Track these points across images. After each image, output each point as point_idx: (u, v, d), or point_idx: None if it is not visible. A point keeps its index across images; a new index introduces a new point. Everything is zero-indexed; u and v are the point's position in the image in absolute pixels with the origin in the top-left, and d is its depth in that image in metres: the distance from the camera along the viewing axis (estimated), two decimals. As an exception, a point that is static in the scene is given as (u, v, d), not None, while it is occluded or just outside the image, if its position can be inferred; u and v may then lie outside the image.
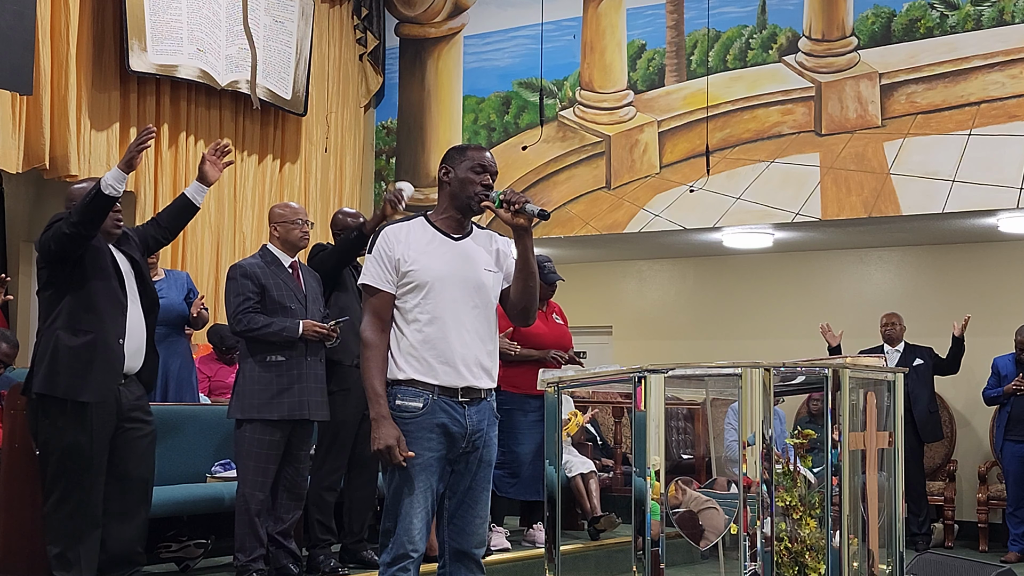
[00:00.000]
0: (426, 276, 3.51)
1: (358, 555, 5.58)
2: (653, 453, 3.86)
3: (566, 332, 6.60)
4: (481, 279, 3.56)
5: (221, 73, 8.30)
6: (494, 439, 3.62)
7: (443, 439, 3.49)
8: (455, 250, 3.57)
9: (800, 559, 4.07)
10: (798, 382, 4.54)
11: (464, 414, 3.51)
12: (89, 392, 4.36)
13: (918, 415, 8.14)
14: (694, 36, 8.79)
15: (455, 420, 3.51)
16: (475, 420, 3.53)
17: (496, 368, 3.62)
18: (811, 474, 4.37)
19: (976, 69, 7.82)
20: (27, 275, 8.67)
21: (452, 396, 3.50)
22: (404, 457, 3.43)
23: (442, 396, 3.49)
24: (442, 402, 3.49)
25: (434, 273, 3.51)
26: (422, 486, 3.47)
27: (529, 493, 6.38)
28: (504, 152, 9.48)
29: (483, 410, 3.57)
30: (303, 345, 5.09)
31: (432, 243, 3.55)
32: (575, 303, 10.42)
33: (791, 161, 8.36)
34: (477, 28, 9.72)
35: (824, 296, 9.53)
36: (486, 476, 3.59)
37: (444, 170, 3.62)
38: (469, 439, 3.53)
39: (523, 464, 6.27)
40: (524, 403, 6.30)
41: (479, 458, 3.57)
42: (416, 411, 3.48)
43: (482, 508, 3.60)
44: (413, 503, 3.47)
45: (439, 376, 3.49)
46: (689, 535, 4.17)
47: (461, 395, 3.51)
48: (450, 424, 3.50)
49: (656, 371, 3.90)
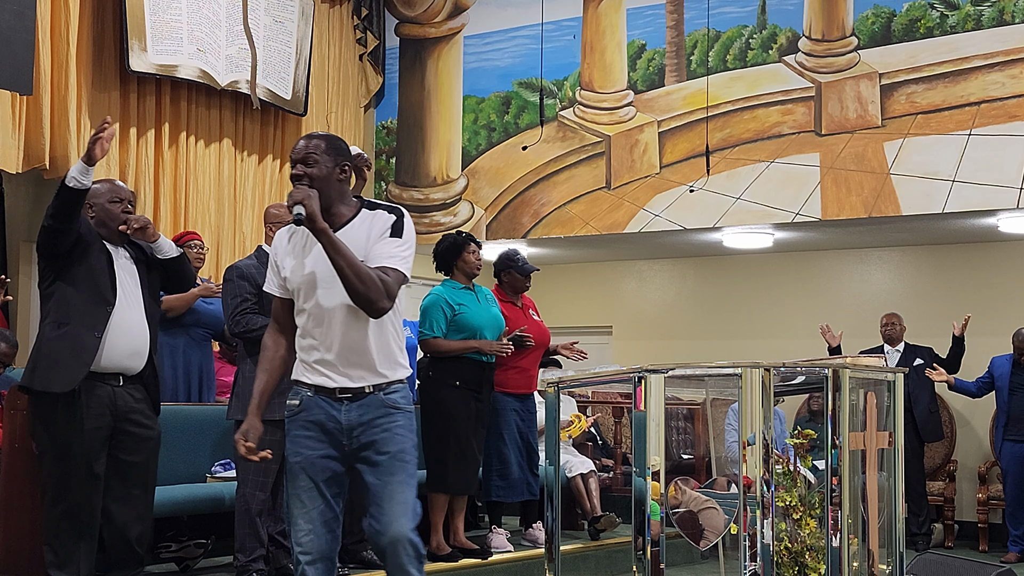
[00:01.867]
0: (295, 280, 3.47)
1: (358, 555, 5.57)
2: (653, 453, 3.86)
3: (544, 328, 6.52)
4: None
5: (221, 73, 8.30)
6: (396, 430, 3.45)
7: (323, 437, 3.44)
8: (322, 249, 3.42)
9: (800, 559, 4.07)
10: (798, 382, 4.55)
11: (341, 410, 3.43)
12: (57, 383, 4.35)
13: (918, 415, 8.15)
14: (694, 36, 8.79)
15: (331, 417, 3.43)
16: (356, 415, 3.43)
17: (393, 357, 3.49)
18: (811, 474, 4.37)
19: (976, 69, 7.82)
20: (27, 275, 8.66)
21: (329, 394, 3.44)
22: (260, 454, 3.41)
23: (318, 394, 3.45)
24: (318, 399, 3.45)
25: (300, 276, 3.46)
26: (303, 485, 3.43)
27: (517, 495, 6.34)
28: (504, 152, 9.49)
29: (370, 403, 3.44)
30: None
31: (305, 242, 3.47)
32: (575, 303, 10.45)
33: (791, 161, 8.36)
34: (477, 28, 9.72)
35: (824, 296, 9.53)
36: (389, 468, 3.42)
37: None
38: (349, 434, 3.43)
39: (508, 464, 6.24)
40: (507, 402, 6.27)
41: (376, 450, 3.43)
42: (293, 409, 3.48)
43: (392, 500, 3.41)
44: (293, 504, 3.45)
45: (313, 377, 3.45)
46: (689, 535, 4.17)
47: (339, 392, 3.43)
48: (326, 421, 3.44)
49: (656, 371, 3.91)
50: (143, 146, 7.91)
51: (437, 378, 5.89)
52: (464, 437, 5.85)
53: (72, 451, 4.34)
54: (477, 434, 5.94)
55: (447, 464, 5.83)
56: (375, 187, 9.98)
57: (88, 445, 4.36)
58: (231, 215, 8.63)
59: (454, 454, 5.83)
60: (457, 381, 5.85)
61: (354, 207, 3.51)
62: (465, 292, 6.00)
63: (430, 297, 6.00)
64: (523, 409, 6.34)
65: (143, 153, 7.90)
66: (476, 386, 5.91)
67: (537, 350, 6.37)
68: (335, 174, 3.48)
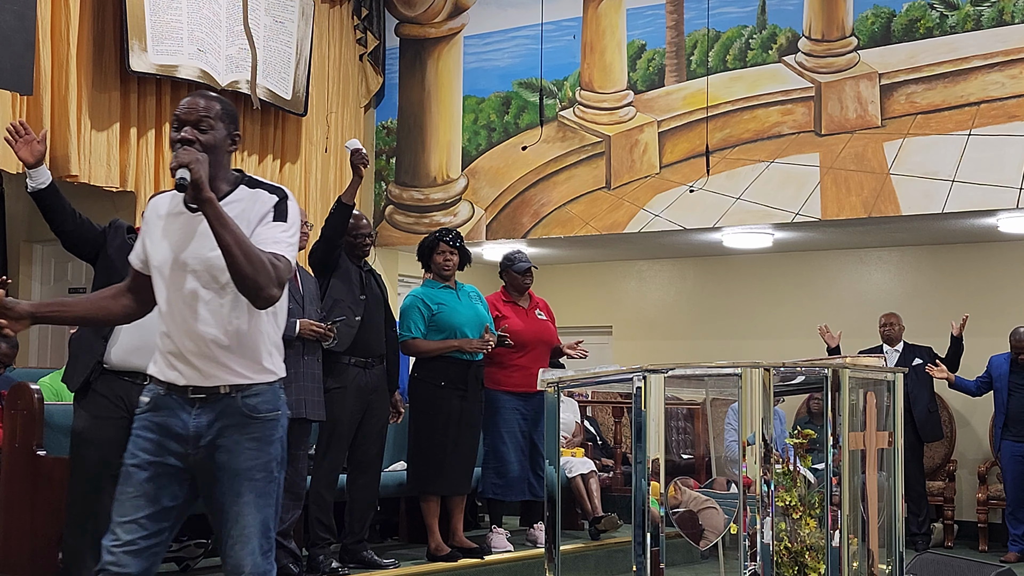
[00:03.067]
0: (154, 259, 3.06)
1: (358, 555, 5.58)
2: (653, 453, 3.86)
3: (549, 327, 6.54)
4: (212, 257, 2.95)
5: (221, 73, 8.30)
6: (246, 443, 3.00)
7: (166, 442, 3.00)
8: (189, 225, 3.01)
9: (800, 559, 4.08)
10: (798, 382, 4.55)
11: (192, 412, 3.00)
12: (72, 380, 4.46)
13: (918, 415, 8.15)
14: (694, 36, 8.79)
15: (179, 420, 3.00)
16: (206, 420, 2.99)
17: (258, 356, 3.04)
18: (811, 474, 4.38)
19: (976, 69, 7.82)
20: (27, 275, 8.67)
21: (180, 393, 3.01)
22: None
23: (170, 392, 3.02)
24: (169, 399, 3.02)
25: (160, 256, 3.04)
26: (131, 492, 2.97)
27: (515, 494, 6.34)
28: (504, 152, 9.49)
29: (225, 408, 3.00)
30: (300, 344, 5.11)
31: (170, 218, 3.06)
32: (575, 303, 10.44)
33: (791, 161, 8.36)
34: (477, 28, 9.72)
35: (824, 296, 9.53)
36: (236, 490, 2.98)
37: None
38: (196, 442, 2.99)
39: (507, 463, 6.25)
40: (507, 401, 6.28)
41: (223, 466, 2.99)
42: (143, 406, 3.06)
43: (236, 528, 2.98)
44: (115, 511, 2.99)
45: (165, 372, 3.03)
46: (689, 535, 4.17)
47: (191, 392, 3.00)
48: (173, 424, 3.00)
49: (656, 371, 3.91)
50: (143, 146, 7.91)
51: (423, 378, 5.91)
52: (450, 437, 5.85)
53: (89, 447, 4.38)
54: (465, 434, 5.93)
55: (434, 465, 5.84)
56: (375, 187, 9.99)
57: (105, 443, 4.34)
58: (231, 215, 8.62)
59: (439, 455, 5.83)
60: (443, 381, 5.86)
61: (232, 182, 3.08)
62: (445, 291, 6.00)
63: (408, 299, 6.03)
64: (526, 408, 6.32)
65: (143, 153, 7.90)
66: (462, 385, 5.91)
67: (537, 349, 6.38)
68: (226, 144, 3.08)
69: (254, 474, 2.99)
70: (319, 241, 5.55)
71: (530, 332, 6.39)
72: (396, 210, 9.91)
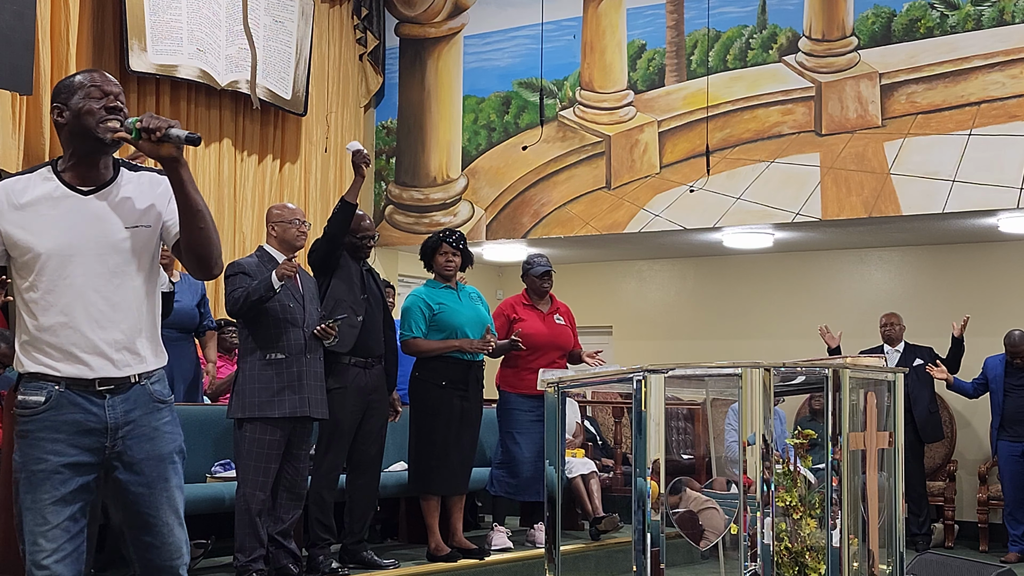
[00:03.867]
0: (45, 242, 2.83)
1: (358, 555, 5.58)
2: (653, 453, 3.86)
3: (565, 332, 6.57)
4: (117, 240, 2.86)
5: (221, 73, 8.30)
6: (164, 428, 2.94)
7: (76, 440, 2.83)
8: (82, 208, 2.87)
9: (800, 559, 4.07)
10: (798, 382, 4.54)
11: (104, 405, 2.85)
12: None
13: (918, 415, 8.15)
14: (694, 36, 8.79)
15: (91, 414, 2.84)
16: (121, 411, 2.87)
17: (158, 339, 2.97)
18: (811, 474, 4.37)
19: (976, 69, 7.81)
20: (27, 275, 8.66)
21: (85, 388, 2.84)
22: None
23: (71, 388, 2.84)
24: (71, 395, 2.84)
25: (50, 243, 2.83)
26: (46, 499, 2.81)
27: (528, 495, 6.37)
28: (504, 152, 9.49)
29: (136, 396, 2.89)
30: (303, 343, 5.11)
31: (48, 203, 2.86)
32: (575, 303, 10.40)
33: (791, 161, 8.36)
34: (477, 28, 9.72)
35: (824, 296, 9.53)
36: (164, 475, 2.92)
37: (57, 111, 2.90)
38: (113, 435, 2.86)
39: (520, 463, 6.27)
40: (520, 403, 6.31)
41: (146, 453, 2.90)
42: (36, 407, 2.84)
43: (166, 513, 2.93)
44: (33, 522, 2.81)
45: (64, 366, 2.84)
46: (689, 535, 4.17)
47: (99, 384, 2.85)
48: (85, 420, 2.84)
49: (656, 371, 3.90)
50: (143, 146, 7.90)
51: (424, 378, 5.91)
52: (449, 438, 5.85)
53: None
54: (465, 434, 5.94)
55: (432, 465, 5.84)
56: (375, 187, 9.98)
57: None
58: (231, 215, 8.63)
59: (439, 455, 5.84)
60: (444, 381, 5.86)
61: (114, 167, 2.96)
62: (446, 291, 6.02)
63: (409, 298, 6.05)
64: (540, 410, 6.31)
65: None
66: (462, 385, 5.92)
67: (551, 352, 6.41)
68: None
69: (175, 458, 2.97)
70: (322, 240, 5.55)
71: (545, 336, 6.41)
72: (396, 210, 9.91)
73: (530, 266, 6.59)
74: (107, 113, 2.86)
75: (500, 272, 10.65)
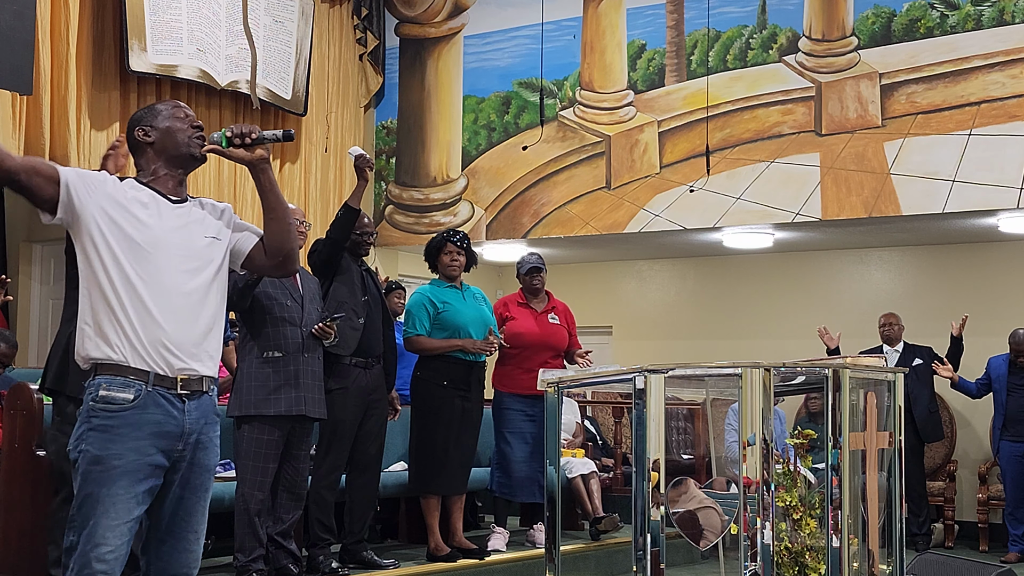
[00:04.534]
0: (131, 237, 2.94)
1: (358, 555, 5.58)
2: (653, 453, 3.86)
3: (559, 332, 6.54)
4: (200, 247, 3.04)
5: (221, 73, 8.30)
6: (216, 439, 3.06)
7: (156, 441, 2.91)
8: (170, 213, 3.03)
9: (800, 559, 4.07)
10: (798, 382, 4.54)
11: (184, 409, 2.96)
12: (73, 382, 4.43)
13: (918, 415, 8.15)
14: (694, 36, 8.79)
15: (171, 416, 2.93)
16: (195, 417, 2.98)
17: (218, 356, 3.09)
18: (811, 474, 4.37)
19: (976, 69, 7.81)
20: (27, 275, 8.67)
21: (169, 387, 2.93)
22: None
23: (158, 386, 2.92)
24: (156, 394, 2.92)
25: (140, 236, 2.95)
26: (120, 495, 2.85)
27: (523, 495, 6.36)
28: (504, 152, 9.49)
29: (205, 406, 3.02)
30: (301, 343, 5.11)
31: (141, 203, 3.00)
32: (575, 303, 10.41)
33: (791, 161, 8.36)
34: (477, 28, 9.72)
35: (824, 296, 9.53)
36: (205, 486, 3.03)
37: (142, 131, 3.08)
38: (186, 440, 2.96)
39: (512, 463, 6.27)
40: (512, 402, 6.30)
41: (199, 462, 3.01)
42: (125, 403, 2.89)
43: (198, 522, 3.02)
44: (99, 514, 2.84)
45: (153, 363, 2.92)
46: (689, 535, 4.17)
47: (181, 387, 2.95)
48: (165, 421, 2.92)
49: (656, 371, 3.90)
50: (143, 146, 7.90)
51: (425, 378, 5.92)
52: (450, 438, 5.85)
53: None
54: (466, 434, 5.94)
55: (433, 465, 5.84)
56: (375, 187, 9.98)
57: None
58: (231, 215, 8.62)
59: (440, 455, 5.84)
60: (445, 381, 5.86)
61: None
62: (450, 290, 6.03)
63: (414, 296, 6.06)
64: (532, 410, 6.32)
65: None
66: (464, 386, 5.92)
67: (543, 352, 6.39)
68: None
69: (216, 470, 3.12)
70: (324, 242, 5.54)
71: (535, 335, 6.39)
72: (396, 210, 9.91)
73: (521, 264, 6.60)
74: (193, 131, 3.09)
75: (500, 272, 10.64)
